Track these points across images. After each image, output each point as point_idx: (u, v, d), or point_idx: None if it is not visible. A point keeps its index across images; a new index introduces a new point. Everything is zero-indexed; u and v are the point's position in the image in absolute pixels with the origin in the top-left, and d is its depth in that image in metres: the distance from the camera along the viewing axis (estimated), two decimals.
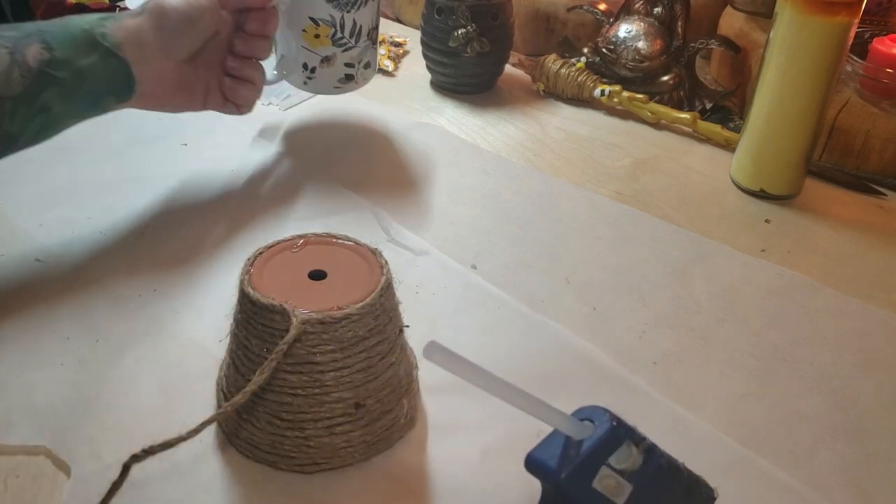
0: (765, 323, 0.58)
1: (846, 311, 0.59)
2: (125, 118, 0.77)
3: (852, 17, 0.63)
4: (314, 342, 0.42)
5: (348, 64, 0.71)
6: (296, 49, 0.71)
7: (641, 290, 0.60)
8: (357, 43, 0.70)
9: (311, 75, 0.72)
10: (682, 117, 0.79)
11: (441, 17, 0.80)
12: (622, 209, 0.69)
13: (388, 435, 0.46)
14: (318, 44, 0.69)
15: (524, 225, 0.67)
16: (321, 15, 0.68)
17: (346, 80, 0.72)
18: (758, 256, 0.64)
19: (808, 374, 0.54)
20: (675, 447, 0.48)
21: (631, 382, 0.52)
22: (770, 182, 0.70)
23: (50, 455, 0.45)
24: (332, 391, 0.43)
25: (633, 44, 0.82)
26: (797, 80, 0.65)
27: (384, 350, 0.45)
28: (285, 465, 0.45)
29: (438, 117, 0.81)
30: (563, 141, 0.78)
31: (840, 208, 0.71)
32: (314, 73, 0.71)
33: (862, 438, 0.49)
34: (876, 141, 0.73)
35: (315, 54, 0.70)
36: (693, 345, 0.56)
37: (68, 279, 0.58)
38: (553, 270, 0.62)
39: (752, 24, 0.86)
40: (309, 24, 0.69)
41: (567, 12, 0.91)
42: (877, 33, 0.78)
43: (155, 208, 0.66)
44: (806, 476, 0.47)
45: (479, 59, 0.82)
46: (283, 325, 0.42)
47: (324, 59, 0.70)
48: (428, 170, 0.73)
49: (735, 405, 0.51)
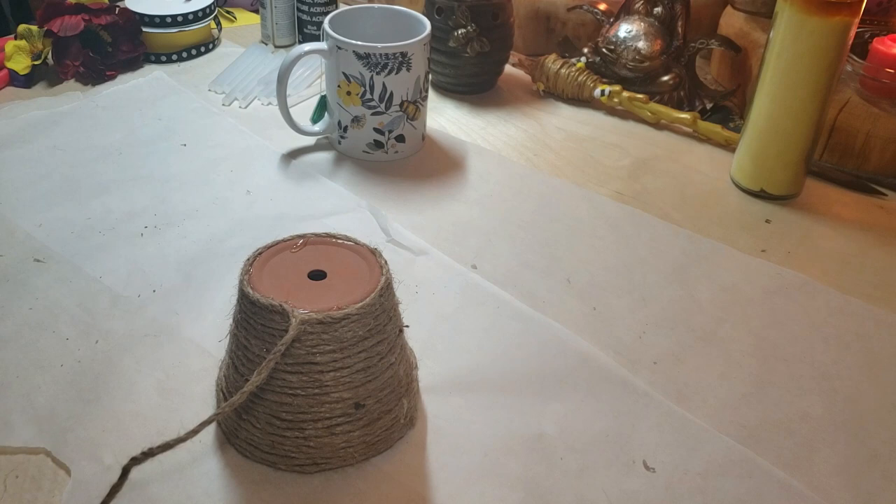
0: (765, 323, 0.58)
1: (846, 311, 0.59)
2: (124, 118, 0.77)
3: (852, 16, 0.63)
4: (314, 342, 0.42)
5: (377, 129, 0.71)
6: (333, 104, 0.72)
7: (642, 290, 0.60)
8: (387, 110, 0.70)
9: (343, 134, 0.73)
10: (683, 117, 0.79)
11: (441, 17, 0.80)
12: (622, 209, 0.69)
13: (388, 435, 0.46)
14: (350, 101, 0.70)
15: (524, 225, 0.66)
16: (352, 71, 0.69)
17: (374, 146, 0.72)
18: (758, 256, 0.64)
19: (809, 374, 0.54)
20: (675, 447, 0.48)
21: (631, 382, 0.52)
22: (770, 182, 0.70)
23: (49, 455, 0.45)
24: (332, 391, 0.43)
25: (633, 44, 0.82)
26: (797, 80, 0.65)
27: (384, 350, 0.45)
28: (285, 466, 0.45)
29: (438, 117, 0.81)
30: (564, 141, 0.78)
31: (840, 208, 0.71)
32: (346, 132, 0.72)
33: (862, 438, 0.49)
34: (876, 141, 0.73)
35: (347, 112, 0.71)
36: (693, 345, 0.56)
37: (67, 279, 0.58)
38: (553, 270, 0.62)
39: (753, 24, 0.86)
40: (342, 79, 0.69)
41: (567, 12, 0.91)
42: (877, 33, 0.78)
43: (154, 208, 0.66)
44: (806, 476, 0.47)
45: (479, 59, 0.82)
46: (283, 325, 0.42)
47: (354, 119, 0.71)
48: (428, 170, 0.73)
49: (735, 405, 0.51)
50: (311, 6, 0.87)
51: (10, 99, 0.79)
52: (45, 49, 0.82)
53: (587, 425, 0.49)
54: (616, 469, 0.47)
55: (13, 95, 0.79)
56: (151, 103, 0.79)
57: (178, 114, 0.78)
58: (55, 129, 0.75)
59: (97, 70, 0.82)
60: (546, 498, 0.45)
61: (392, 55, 0.68)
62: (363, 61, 0.68)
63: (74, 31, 0.80)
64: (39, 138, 0.73)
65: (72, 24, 0.80)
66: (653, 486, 0.46)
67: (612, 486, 0.46)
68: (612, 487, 0.46)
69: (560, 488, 0.45)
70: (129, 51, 0.84)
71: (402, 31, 0.72)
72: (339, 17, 0.73)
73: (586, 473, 0.46)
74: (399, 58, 0.68)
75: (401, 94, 0.70)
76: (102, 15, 0.82)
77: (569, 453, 0.47)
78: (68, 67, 0.81)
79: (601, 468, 0.47)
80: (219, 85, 0.83)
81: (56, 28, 0.80)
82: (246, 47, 0.90)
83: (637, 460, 0.47)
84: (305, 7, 0.87)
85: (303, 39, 0.90)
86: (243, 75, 0.84)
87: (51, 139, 0.73)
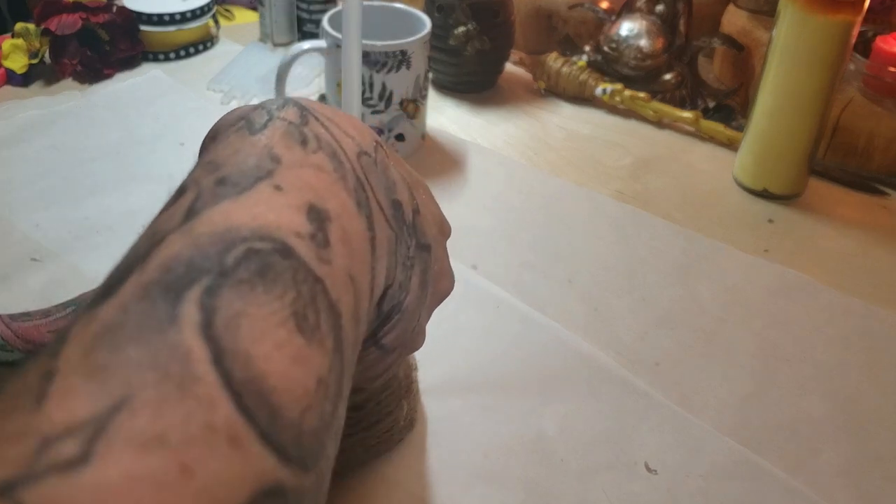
0: (767, 323, 0.57)
1: (849, 311, 0.59)
2: (122, 117, 0.77)
3: (855, 15, 0.62)
4: None
5: (377, 128, 0.71)
6: (332, 103, 0.72)
7: (643, 290, 0.60)
8: (387, 109, 0.70)
9: None
10: (685, 116, 0.79)
11: (441, 15, 0.80)
12: (624, 208, 0.68)
13: (388, 437, 0.46)
14: None
15: (525, 224, 0.66)
16: None
17: None
18: (761, 256, 0.64)
19: (811, 374, 0.53)
20: (677, 448, 0.48)
21: (632, 383, 0.52)
22: (773, 181, 0.70)
23: None
24: None
25: (634, 42, 0.82)
26: (800, 79, 0.65)
27: None
28: None
29: (439, 116, 0.80)
30: (565, 140, 0.78)
31: (843, 208, 0.70)
32: None
33: (865, 439, 0.49)
34: (880, 140, 0.73)
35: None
36: (695, 345, 0.55)
37: (65, 279, 0.57)
38: (554, 270, 0.61)
39: (755, 23, 0.85)
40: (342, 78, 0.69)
41: (568, 10, 0.90)
42: (880, 32, 0.78)
43: (152, 208, 0.65)
44: (808, 477, 0.46)
45: (479, 58, 0.81)
46: None
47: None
48: (428, 169, 0.72)
49: (737, 406, 0.51)
50: (310, 4, 0.87)
51: (7, 98, 0.78)
52: (43, 48, 0.81)
53: (588, 426, 0.49)
54: (617, 470, 0.46)
55: (10, 94, 0.79)
56: (149, 102, 0.79)
57: (176, 112, 0.78)
58: (52, 129, 0.74)
59: (95, 69, 0.81)
60: (547, 500, 0.44)
61: (392, 53, 0.68)
62: (362, 59, 0.68)
63: (72, 30, 0.80)
64: (37, 137, 0.73)
65: (69, 22, 0.80)
66: (654, 487, 0.46)
67: (613, 487, 0.45)
68: (613, 489, 0.45)
69: (561, 490, 0.45)
70: (127, 49, 0.84)
71: (401, 29, 0.71)
72: (339, 15, 0.73)
73: (587, 475, 0.46)
74: (399, 56, 0.68)
75: (400, 93, 0.70)
76: (100, 13, 0.82)
77: (570, 455, 0.47)
78: (66, 66, 0.81)
79: (602, 470, 0.46)
80: (217, 83, 0.82)
81: (53, 26, 0.79)
82: (244, 45, 0.90)
83: (638, 462, 0.47)
84: (304, 5, 0.87)
85: (302, 37, 0.89)
86: (242, 74, 0.84)
87: (48, 138, 0.73)
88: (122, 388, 0.19)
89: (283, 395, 0.21)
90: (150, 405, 0.18)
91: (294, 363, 0.22)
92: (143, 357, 0.19)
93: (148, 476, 0.18)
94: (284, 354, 0.22)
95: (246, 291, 0.22)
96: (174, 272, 0.21)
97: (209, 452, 0.19)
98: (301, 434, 0.22)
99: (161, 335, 0.20)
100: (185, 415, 0.19)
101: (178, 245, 0.22)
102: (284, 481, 0.21)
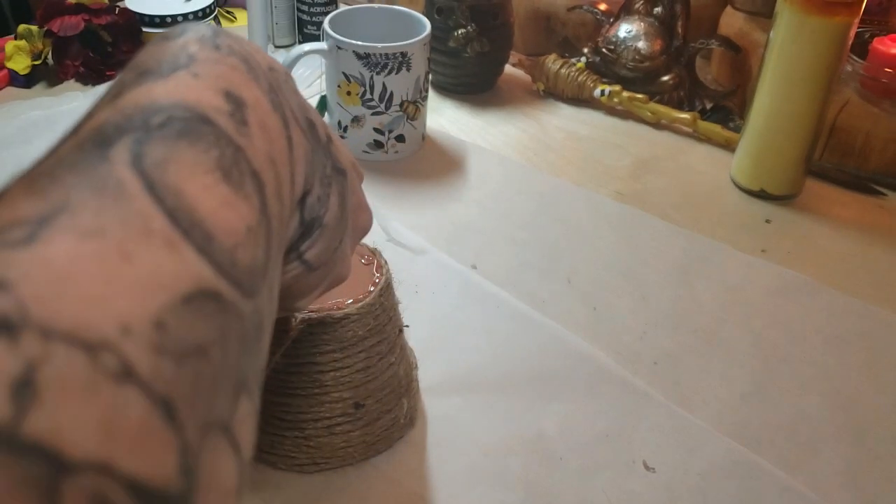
0: (766, 323, 0.58)
1: (847, 311, 0.59)
2: None
3: (852, 16, 0.63)
4: (314, 342, 0.42)
5: (377, 129, 0.71)
6: (333, 104, 0.72)
7: (642, 290, 0.60)
8: (387, 110, 0.70)
9: (343, 134, 0.72)
10: (683, 117, 0.79)
11: (441, 17, 0.80)
12: (623, 209, 0.69)
13: (388, 435, 0.46)
14: (350, 101, 0.70)
15: (524, 225, 0.66)
16: (352, 71, 0.69)
17: (374, 146, 0.72)
18: (758, 256, 0.64)
19: (810, 374, 0.54)
20: (675, 448, 0.48)
21: (631, 383, 0.52)
22: (770, 182, 0.70)
23: None
24: (332, 391, 0.43)
25: (633, 44, 0.82)
26: (797, 80, 0.65)
27: (384, 350, 0.45)
28: (285, 466, 0.45)
29: (438, 117, 0.81)
30: (564, 141, 0.78)
31: (840, 208, 0.71)
32: (346, 132, 0.72)
33: (863, 439, 0.49)
34: (876, 141, 0.73)
35: (347, 112, 0.71)
36: (694, 345, 0.56)
37: None
38: (553, 270, 0.62)
39: (753, 24, 0.86)
40: (342, 79, 0.70)
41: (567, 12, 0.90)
42: (877, 33, 0.78)
43: None
44: (807, 477, 0.47)
45: (479, 59, 0.81)
46: (283, 325, 0.42)
47: (354, 119, 0.71)
48: (428, 170, 0.73)
49: (736, 406, 0.51)
50: (311, 6, 0.87)
51: (10, 99, 0.79)
52: (45, 49, 0.82)
53: (587, 425, 0.49)
54: (616, 469, 0.47)
55: (13, 95, 0.79)
56: None
57: None
58: (55, 129, 0.74)
59: (97, 70, 0.82)
60: (546, 498, 0.45)
61: (392, 55, 0.68)
62: (363, 61, 0.68)
63: (74, 31, 0.80)
64: (39, 138, 0.73)
65: (72, 23, 0.80)
66: (653, 486, 0.46)
67: (612, 486, 0.46)
68: (612, 488, 0.46)
69: (560, 489, 0.45)
70: (130, 51, 0.84)
71: (402, 31, 0.72)
72: (339, 17, 0.73)
73: (586, 474, 0.46)
74: (399, 58, 0.68)
75: (401, 94, 0.70)
76: (102, 15, 0.82)
77: (569, 453, 0.47)
78: (68, 67, 0.81)
79: (601, 468, 0.47)
80: None
81: (56, 28, 0.80)
82: None
83: (637, 461, 0.47)
84: (305, 7, 0.87)
85: (303, 39, 0.89)
86: None
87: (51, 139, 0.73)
88: (62, 198, 0.20)
89: (214, 225, 0.22)
90: (90, 209, 0.20)
91: (222, 206, 0.23)
92: (79, 181, 0.20)
93: (89, 254, 0.19)
94: (213, 196, 0.23)
95: (171, 144, 0.23)
96: (103, 132, 0.23)
97: (147, 248, 0.20)
98: (235, 263, 0.22)
99: (94, 169, 0.21)
100: (122, 219, 0.20)
101: (106, 114, 0.23)
102: (223, 291, 0.22)
